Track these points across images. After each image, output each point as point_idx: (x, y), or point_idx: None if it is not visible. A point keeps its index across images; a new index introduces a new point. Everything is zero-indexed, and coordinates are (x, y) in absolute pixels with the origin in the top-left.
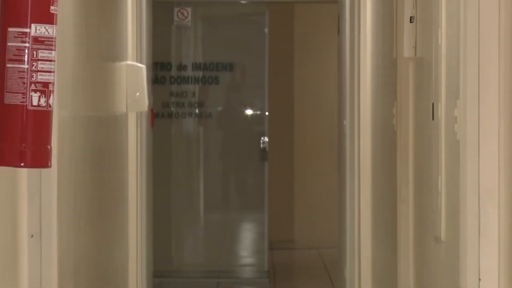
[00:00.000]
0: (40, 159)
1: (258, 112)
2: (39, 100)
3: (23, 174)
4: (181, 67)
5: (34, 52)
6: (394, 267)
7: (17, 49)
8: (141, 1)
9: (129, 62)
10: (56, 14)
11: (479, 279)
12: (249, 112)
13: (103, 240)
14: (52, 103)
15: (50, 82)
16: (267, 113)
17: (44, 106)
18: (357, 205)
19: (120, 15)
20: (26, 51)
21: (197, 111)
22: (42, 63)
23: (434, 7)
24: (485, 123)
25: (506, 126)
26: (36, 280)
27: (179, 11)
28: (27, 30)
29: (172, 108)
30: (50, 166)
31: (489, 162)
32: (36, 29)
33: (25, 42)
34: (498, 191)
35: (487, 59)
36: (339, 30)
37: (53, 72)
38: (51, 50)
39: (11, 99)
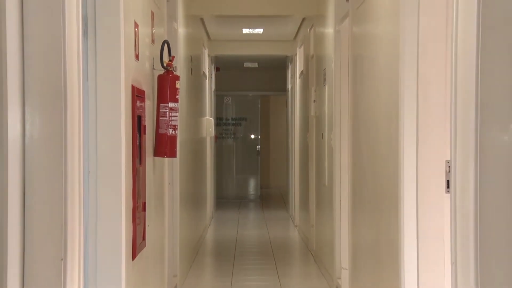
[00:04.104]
0: (173, 154)
1: (256, 136)
2: (172, 132)
3: (166, 160)
4: (227, 119)
5: (171, 113)
6: (307, 197)
7: (163, 112)
8: (212, 94)
9: (207, 117)
10: (179, 98)
11: (340, 200)
12: (252, 136)
13: (197, 184)
14: (177, 133)
15: (177, 125)
16: (259, 136)
17: (175, 134)
18: (294, 172)
19: (203, 97)
20: (167, 113)
21: (233, 136)
22: (173, 117)
23: (323, 96)
24: (343, 141)
25: (350, 142)
26: (170, 202)
27: (226, 97)
28: (167, 104)
29: (223, 135)
30: (176, 157)
31: (344, 155)
32: (171, 104)
33: (166, 109)
34: (347, 165)
35: (344, 117)
36: (287, 104)
37: (178, 121)
38: (177, 112)
39: (161, 131)
